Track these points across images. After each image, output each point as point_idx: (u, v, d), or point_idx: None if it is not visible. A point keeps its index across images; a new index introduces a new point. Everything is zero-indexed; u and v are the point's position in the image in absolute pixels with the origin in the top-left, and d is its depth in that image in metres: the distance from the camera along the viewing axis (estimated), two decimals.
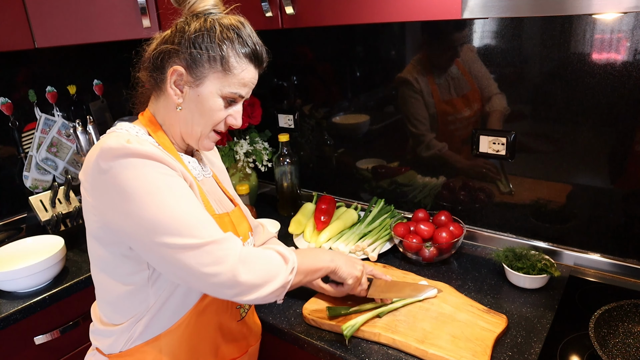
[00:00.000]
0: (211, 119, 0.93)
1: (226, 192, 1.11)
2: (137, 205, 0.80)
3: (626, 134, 1.21)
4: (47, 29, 1.50)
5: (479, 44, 1.36)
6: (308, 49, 1.76)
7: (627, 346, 1.01)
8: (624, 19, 1.14)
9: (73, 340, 1.44)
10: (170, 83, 0.90)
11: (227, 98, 0.92)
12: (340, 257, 1.07)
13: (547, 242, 1.40)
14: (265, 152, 1.88)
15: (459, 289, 1.26)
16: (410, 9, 1.10)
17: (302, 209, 1.73)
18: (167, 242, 0.80)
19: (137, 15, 1.55)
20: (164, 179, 0.83)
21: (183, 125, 0.94)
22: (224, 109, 0.93)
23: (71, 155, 1.92)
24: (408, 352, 1.05)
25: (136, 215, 0.80)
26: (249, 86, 0.94)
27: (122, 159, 0.80)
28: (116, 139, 0.82)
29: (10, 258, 1.45)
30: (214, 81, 0.90)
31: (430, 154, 1.56)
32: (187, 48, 0.88)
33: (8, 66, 1.73)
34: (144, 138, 0.90)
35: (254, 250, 0.89)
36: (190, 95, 0.91)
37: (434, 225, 1.44)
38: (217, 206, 1.02)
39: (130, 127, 0.93)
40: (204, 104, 0.91)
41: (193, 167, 0.99)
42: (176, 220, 0.81)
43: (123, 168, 0.80)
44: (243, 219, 1.08)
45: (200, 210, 0.85)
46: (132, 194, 0.80)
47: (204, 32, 0.88)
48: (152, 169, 0.82)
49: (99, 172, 0.82)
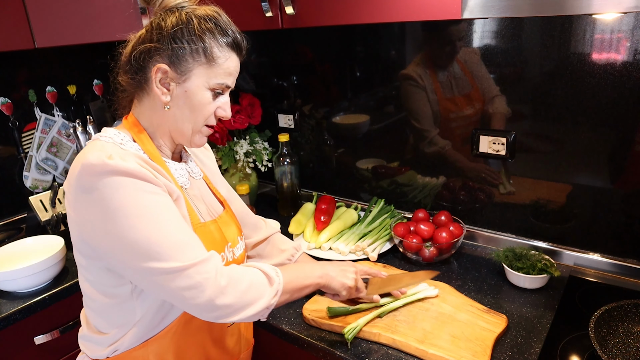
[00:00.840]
0: (201, 113, 0.91)
1: (216, 194, 1.08)
2: (117, 227, 0.79)
3: (626, 134, 1.21)
4: (47, 29, 1.50)
5: (479, 44, 1.36)
6: (308, 49, 1.76)
7: (627, 346, 1.01)
8: (624, 19, 1.14)
9: (73, 340, 1.43)
10: (155, 82, 0.87)
11: (214, 90, 0.90)
12: (331, 269, 1.04)
13: (547, 242, 1.40)
14: (265, 152, 1.88)
15: (459, 289, 1.26)
16: (410, 9, 1.10)
17: (302, 209, 1.73)
18: (146, 265, 0.79)
19: (137, 15, 1.55)
20: (145, 198, 0.81)
21: (173, 124, 0.91)
22: (212, 102, 0.91)
23: (71, 155, 1.92)
24: (408, 352, 1.05)
25: (115, 236, 0.79)
26: (233, 75, 0.92)
27: (104, 177, 0.78)
28: (97, 154, 0.80)
29: (10, 258, 1.45)
30: (199, 74, 0.88)
31: (433, 150, 1.55)
32: (168, 44, 0.86)
33: (8, 66, 1.73)
34: (128, 147, 0.88)
35: (237, 271, 0.87)
36: (178, 92, 0.88)
37: (434, 225, 1.44)
38: (204, 213, 1.00)
39: (115, 133, 0.90)
40: (193, 98, 0.89)
41: (180, 175, 0.97)
42: (156, 243, 0.79)
43: (103, 187, 0.78)
44: (231, 223, 1.05)
45: (182, 231, 0.83)
46: (112, 214, 0.79)
47: (182, 26, 0.86)
48: (133, 188, 0.80)
49: (80, 190, 0.80)
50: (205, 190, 1.05)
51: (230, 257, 0.99)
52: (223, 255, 0.96)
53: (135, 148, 0.89)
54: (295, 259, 1.22)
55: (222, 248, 0.97)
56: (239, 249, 1.04)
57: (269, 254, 1.22)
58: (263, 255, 1.22)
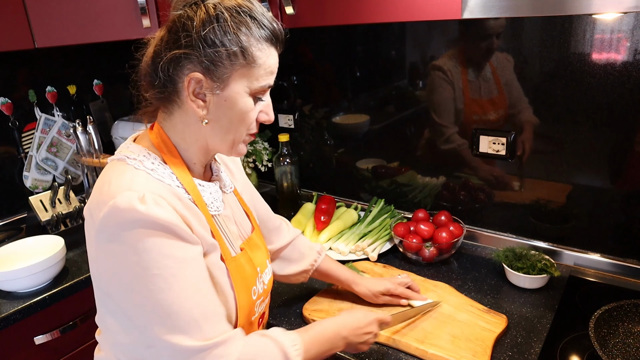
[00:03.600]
0: (244, 123, 0.80)
1: (245, 209, 0.99)
2: (136, 287, 0.72)
3: (626, 134, 1.21)
4: (47, 29, 1.50)
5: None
6: (308, 49, 1.76)
7: (627, 346, 1.01)
8: (624, 19, 1.14)
9: (73, 340, 1.44)
10: (189, 95, 0.76)
11: (257, 94, 0.79)
12: (351, 336, 0.92)
13: (547, 242, 1.40)
14: (265, 152, 1.89)
15: (459, 289, 1.26)
16: (410, 9, 1.10)
17: (302, 209, 1.73)
18: (162, 337, 0.72)
19: (137, 15, 1.55)
20: (172, 260, 0.72)
21: (211, 138, 0.81)
22: (254, 108, 0.80)
23: (71, 155, 1.93)
24: (408, 352, 1.05)
25: (133, 295, 0.73)
26: (275, 73, 0.81)
27: (132, 229, 0.70)
28: (128, 197, 0.71)
29: (10, 258, 1.44)
30: (239, 79, 0.76)
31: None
32: (200, 48, 0.73)
33: (8, 66, 1.73)
34: (160, 173, 0.78)
35: (255, 349, 0.79)
36: (216, 103, 0.77)
37: (434, 225, 1.44)
38: (235, 237, 0.92)
39: (144, 154, 0.80)
40: (234, 108, 0.77)
41: (214, 199, 0.87)
42: (177, 314, 0.72)
43: (130, 240, 0.70)
44: (260, 244, 0.97)
45: (208, 301, 0.76)
46: (134, 272, 0.71)
47: (214, 24, 0.73)
48: (161, 247, 0.71)
49: (103, 235, 0.72)
50: (236, 206, 0.96)
51: (261, 288, 0.91)
52: (254, 289, 0.89)
53: (167, 174, 0.79)
54: (318, 264, 1.17)
55: (254, 281, 0.89)
56: (267, 274, 0.96)
57: (292, 259, 1.16)
58: (286, 260, 1.16)
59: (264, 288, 0.93)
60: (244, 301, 0.85)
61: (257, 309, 0.91)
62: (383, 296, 1.17)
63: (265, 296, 0.95)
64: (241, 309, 0.84)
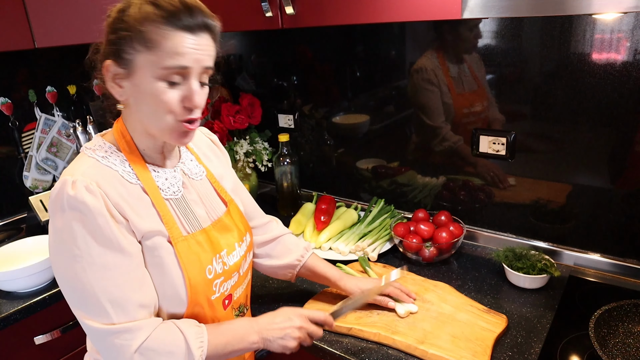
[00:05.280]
0: (159, 107, 0.80)
1: (220, 194, 1.02)
2: (63, 264, 0.80)
3: (626, 134, 1.21)
4: (47, 29, 1.50)
5: (480, 44, 1.36)
6: (308, 49, 1.76)
7: (627, 346, 1.01)
8: (624, 19, 1.14)
9: (73, 340, 1.44)
10: (107, 81, 0.82)
11: (164, 78, 0.78)
12: (269, 332, 0.92)
13: (547, 242, 1.40)
14: (265, 152, 1.88)
15: (459, 289, 1.26)
16: (410, 9, 1.10)
17: (302, 209, 1.73)
18: (75, 312, 0.81)
19: None
20: (91, 244, 0.79)
21: (144, 124, 0.85)
22: (168, 92, 0.79)
23: (71, 155, 1.92)
24: (408, 352, 1.05)
25: (62, 271, 0.81)
26: (189, 54, 0.78)
27: (63, 211, 0.78)
28: (62, 183, 0.79)
29: (10, 258, 1.45)
30: (144, 64, 0.78)
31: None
32: (106, 35, 0.80)
33: (8, 66, 1.73)
34: (112, 160, 0.85)
35: (159, 342, 0.82)
36: (130, 88, 0.81)
37: (434, 225, 1.44)
38: (202, 217, 0.95)
39: (100, 144, 0.88)
40: (144, 93, 0.80)
41: (171, 184, 0.91)
42: (87, 297, 0.79)
43: (61, 222, 0.79)
44: (231, 227, 0.99)
45: (120, 287, 0.80)
46: (57, 251, 0.80)
47: (120, 14, 0.79)
48: (84, 230, 0.78)
49: (50, 217, 0.82)
50: (208, 191, 1.00)
51: (219, 268, 0.93)
52: (210, 267, 0.91)
53: (119, 161, 0.86)
54: (304, 260, 1.18)
55: (209, 260, 0.91)
56: (234, 256, 0.97)
57: (278, 254, 1.18)
58: (272, 255, 1.18)
59: (224, 269, 0.94)
60: (195, 279, 0.87)
61: (216, 288, 0.92)
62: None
63: (228, 277, 0.95)
64: (192, 287, 0.87)
